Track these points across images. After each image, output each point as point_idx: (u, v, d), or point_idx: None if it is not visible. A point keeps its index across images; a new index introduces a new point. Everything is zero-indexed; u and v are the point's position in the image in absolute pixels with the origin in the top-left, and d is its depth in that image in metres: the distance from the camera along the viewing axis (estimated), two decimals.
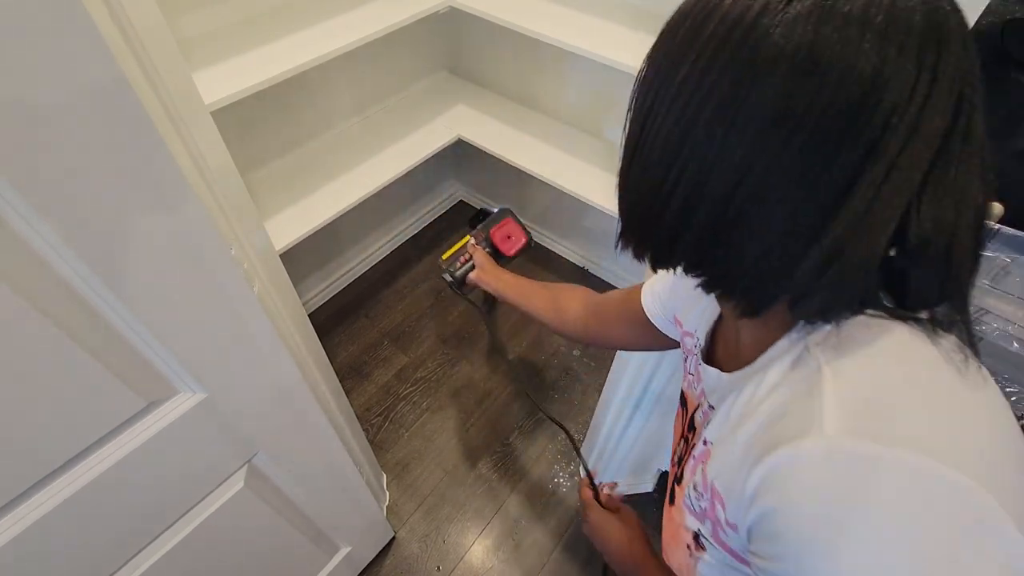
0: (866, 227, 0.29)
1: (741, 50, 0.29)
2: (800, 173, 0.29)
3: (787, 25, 0.28)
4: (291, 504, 0.87)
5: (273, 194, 1.35)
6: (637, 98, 0.35)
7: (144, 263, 0.45)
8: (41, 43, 0.33)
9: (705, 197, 0.32)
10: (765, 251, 0.31)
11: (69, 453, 0.50)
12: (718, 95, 0.30)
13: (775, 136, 0.29)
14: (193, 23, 1.11)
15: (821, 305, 0.32)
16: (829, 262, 0.30)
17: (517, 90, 1.66)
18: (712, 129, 0.30)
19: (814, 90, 0.27)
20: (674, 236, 0.35)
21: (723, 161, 0.30)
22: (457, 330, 1.77)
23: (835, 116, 0.27)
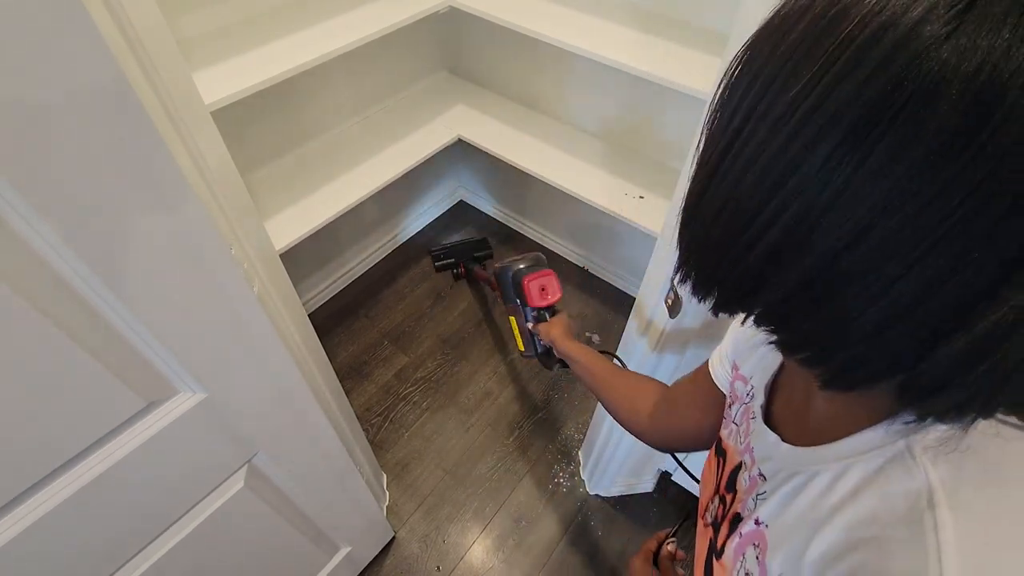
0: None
1: (891, 64, 0.21)
2: (957, 234, 0.21)
3: (962, 39, 0.20)
4: (291, 504, 0.87)
5: (273, 194, 1.35)
6: (721, 110, 0.28)
7: (144, 263, 0.45)
8: (41, 43, 0.33)
9: (810, 246, 0.24)
10: (886, 324, 0.24)
11: (69, 453, 0.50)
12: (850, 120, 0.22)
13: (926, 182, 0.21)
14: (193, 23, 1.11)
15: (956, 403, 0.24)
16: (981, 357, 0.22)
17: (517, 90, 1.66)
18: (833, 165, 0.23)
19: (995, 129, 0.20)
20: (752, 288, 0.28)
21: (844, 205, 0.23)
22: (457, 330, 1.77)
23: (1020, 168, 0.20)
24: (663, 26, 1.17)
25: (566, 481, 1.44)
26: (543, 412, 1.57)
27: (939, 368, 0.23)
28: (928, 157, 0.21)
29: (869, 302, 0.24)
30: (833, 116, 0.22)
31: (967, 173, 0.20)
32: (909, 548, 0.25)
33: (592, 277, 1.93)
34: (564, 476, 1.45)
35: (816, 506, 0.32)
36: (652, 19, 1.20)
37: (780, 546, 0.34)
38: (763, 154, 0.25)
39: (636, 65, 1.05)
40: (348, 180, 1.40)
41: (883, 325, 0.24)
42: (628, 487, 1.40)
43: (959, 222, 0.21)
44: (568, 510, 1.39)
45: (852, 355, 0.26)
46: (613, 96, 1.43)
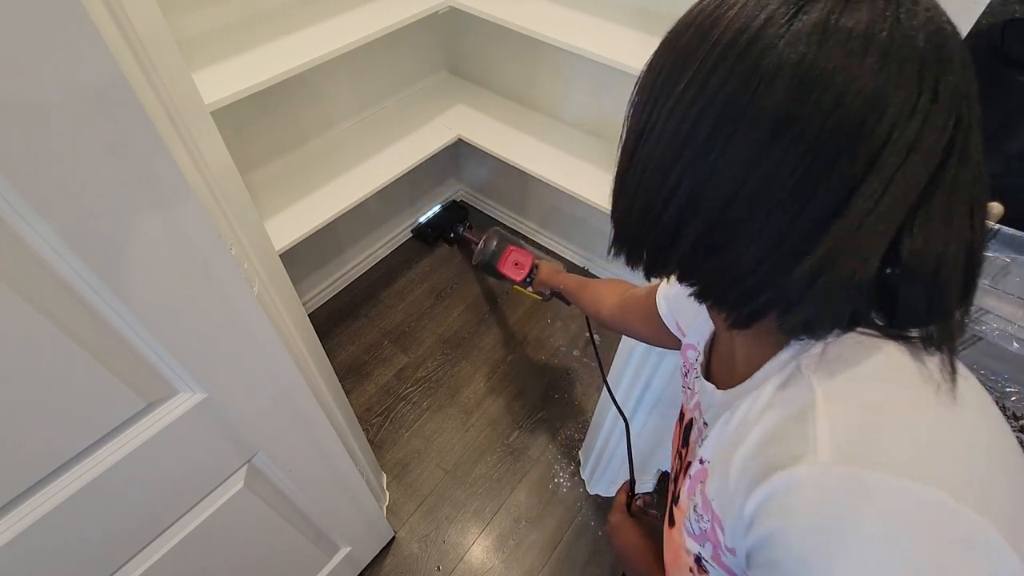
0: (859, 241, 0.29)
1: (744, 60, 0.29)
2: (797, 185, 0.29)
3: (792, 37, 0.28)
4: (291, 504, 0.87)
5: (273, 194, 1.35)
6: (635, 106, 0.35)
7: (144, 263, 0.45)
8: (41, 43, 0.33)
9: (700, 208, 0.32)
10: (757, 262, 0.31)
11: (69, 453, 0.50)
12: (718, 105, 0.30)
13: (774, 148, 0.29)
14: (193, 23, 1.11)
15: (808, 318, 0.32)
16: (818, 275, 0.30)
17: (517, 90, 1.66)
18: (711, 140, 0.30)
19: (816, 103, 0.27)
20: (668, 245, 0.35)
21: (721, 172, 0.30)
22: (457, 330, 1.77)
23: (835, 130, 0.27)
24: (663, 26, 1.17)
25: (566, 481, 1.44)
26: (543, 412, 1.57)
27: (792, 293, 0.31)
28: (773, 128, 0.28)
29: (746, 245, 0.31)
30: (708, 103, 0.30)
31: (798, 139, 0.28)
32: (796, 429, 0.32)
33: (592, 277, 1.93)
34: (564, 476, 1.45)
35: (737, 431, 0.37)
36: (652, 19, 1.20)
37: (714, 472, 0.39)
38: (663, 138, 0.32)
39: (636, 65, 1.04)
40: (348, 180, 1.40)
41: (756, 263, 0.31)
42: None
43: (798, 177, 0.29)
44: (568, 510, 1.39)
45: (739, 292, 0.33)
46: (613, 96, 1.43)
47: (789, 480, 0.30)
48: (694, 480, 0.44)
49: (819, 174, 0.28)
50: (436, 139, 1.52)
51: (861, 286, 0.30)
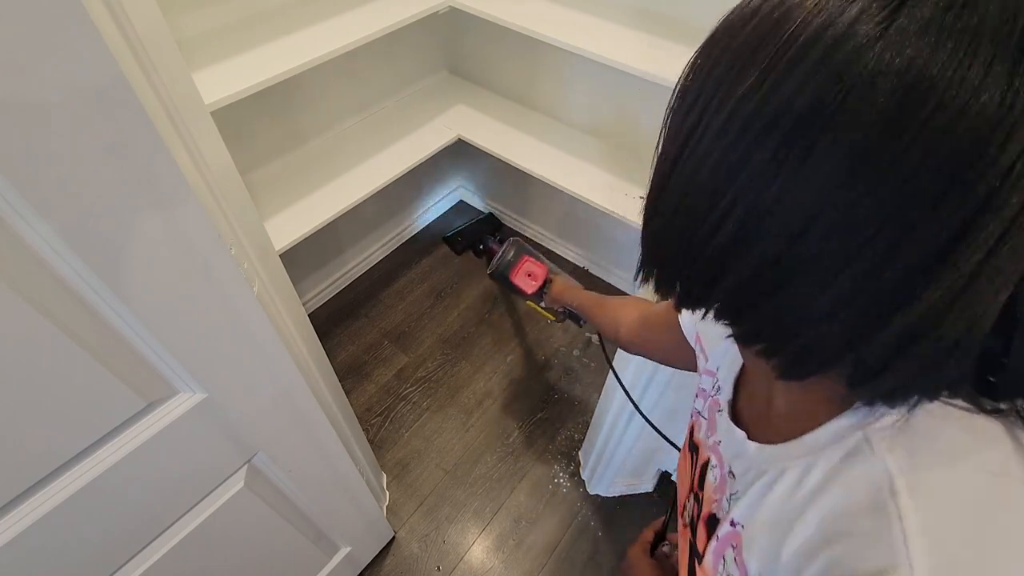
0: (972, 297, 0.22)
1: (829, 61, 0.22)
2: (890, 222, 0.22)
3: (895, 36, 0.21)
4: (291, 504, 0.87)
5: (273, 194, 1.35)
6: (677, 111, 0.29)
7: (144, 263, 0.45)
8: (41, 43, 0.33)
9: (757, 241, 0.25)
10: (832, 311, 0.25)
11: (69, 453, 0.50)
12: (792, 118, 0.23)
13: (863, 174, 0.22)
14: (193, 23, 1.11)
15: (891, 387, 0.26)
16: (913, 338, 0.24)
17: (517, 90, 1.66)
18: (778, 161, 0.24)
19: (925, 120, 0.21)
20: (709, 280, 0.29)
21: (788, 201, 0.24)
22: (457, 330, 1.77)
23: (947, 157, 0.21)
24: (663, 25, 1.17)
25: (566, 481, 1.44)
26: (543, 412, 1.57)
27: (880, 350, 0.25)
28: (864, 149, 0.22)
29: (816, 290, 0.25)
30: (777, 113, 0.24)
31: (898, 165, 0.22)
32: (876, 539, 0.26)
33: (592, 277, 1.93)
34: (564, 476, 1.45)
35: (786, 504, 0.32)
36: (652, 19, 1.20)
37: (755, 545, 0.35)
38: (714, 152, 0.26)
39: (636, 65, 1.04)
40: (348, 180, 1.40)
41: (829, 312, 0.25)
42: (628, 487, 1.40)
43: (892, 212, 0.22)
44: (568, 510, 1.39)
45: (802, 343, 0.27)
46: (613, 96, 1.43)
47: None
48: (723, 542, 0.39)
49: (921, 213, 0.22)
50: (436, 139, 1.52)
51: (967, 353, 0.24)
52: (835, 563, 0.27)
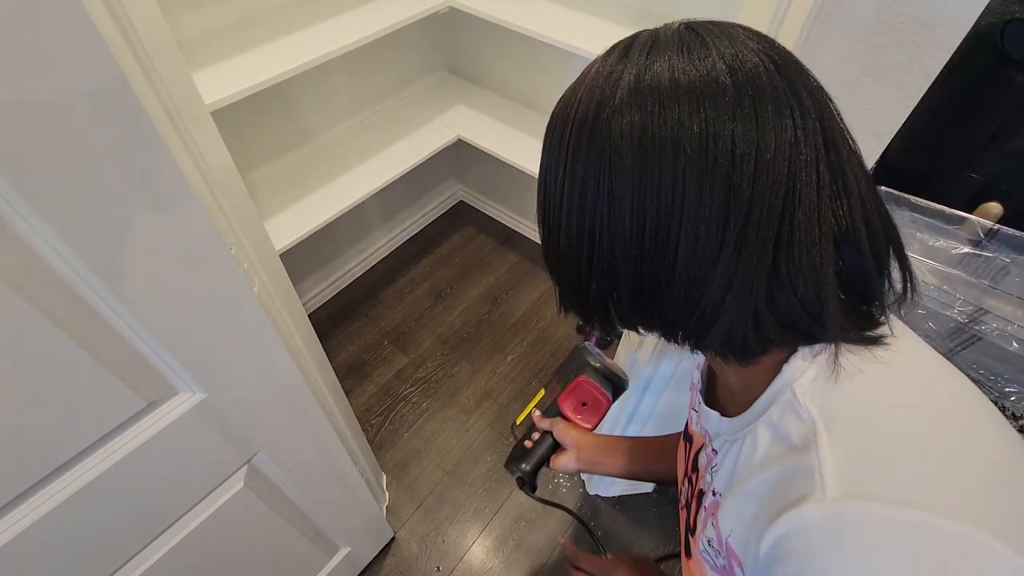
0: (751, 247, 0.30)
1: (594, 145, 0.33)
2: (687, 225, 0.31)
3: (619, 113, 0.32)
4: (291, 504, 0.87)
5: (273, 194, 1.35)
6: (538, 194, 0.39)
7: (143, 262, 0.45)
8: (41, 43, 0.33)
9: (617, 261, 0.34)
10: (678, 295, 0.33)
11: (69, 453, 0.50)
12: (592, 182, 0.33)
13: (646, 201, 0.32)
14: (193, 23, 1.11)
15: (727, 332, 0.34)
16: (726, 291, 0.32)
17: (517, 90, 1.66)
18: (598, 208, 0.34)
19: (659, 158, 0.31)
20: (605, 300, 0.38)
21: (617, 230, 0.33)
22: (457, 330, 1.77)
23: (687, 175, 0.30)
24: None
25: (566, 481, 1.44)
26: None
27: (712, 311, 0.33)
28: (635, 190, 0.32)
29: (666, 284, 0.34)
30: (583, 182, 0.34)
31: (661, 185, 0.31)
32: (802, 466, 0.32)
33: None
34: (564, 476, 1.45)
35: (745, 466, 0.38)
36: (652, 19, 1.20)
37: (726, 506, 0.39)
38: (564, 215, 0.36)
39: None
40: (348, 180, 1.40)
41: (679, 298, 0.34)
42: (628, 487, 1.40)
43: (687, 223, 0.31)
44: None
45: (683, 326, 0.36)
46: None
47: (799, 520, 0.30)
48: (707, 511, 0.43)
49: (696, 215, 0.31)
50: (436, 139, 1.52)
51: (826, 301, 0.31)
52: (776, 502, 0.32)
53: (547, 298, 1.86)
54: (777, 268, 0.31)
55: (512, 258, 1.99)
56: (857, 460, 0.30)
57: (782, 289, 0.31)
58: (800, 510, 0.30)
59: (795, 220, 0.30)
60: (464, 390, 1.62)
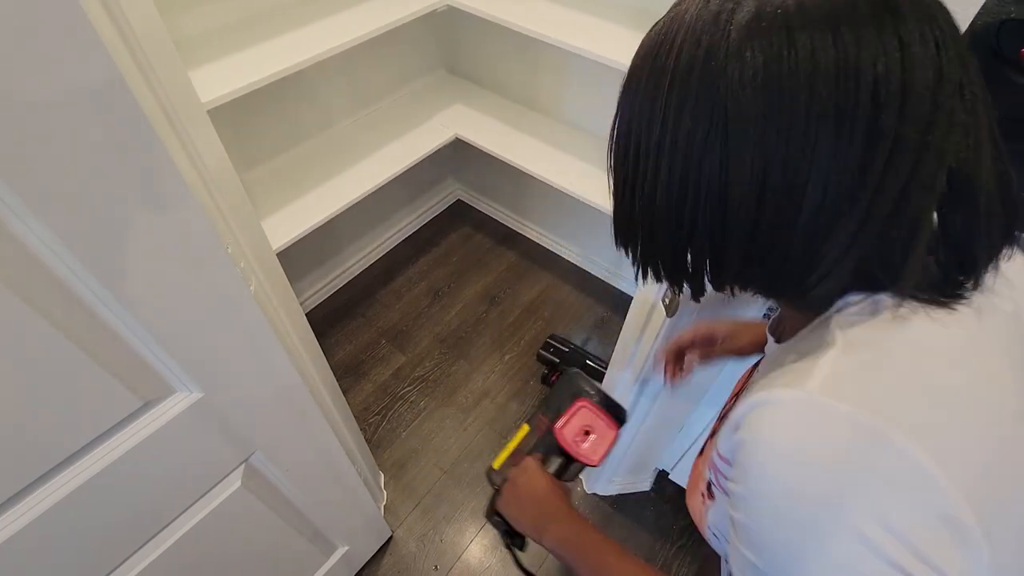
0: (884, 201, 0.28)
1: (705, 97, 0.30)
2: (817, 175, 0.28)
3: (736, 57, 0.29)
4: (288, 503, 0.87)
5: (270, 193, 1.35)
6: (617, 152, 0.37)
7: (140, 262, 0.45)
8: (37, 43, 0.33)
9: (729, 219, 0.32)
10: (797, 250, 0.31)
11: (65, 452, 0.50)
12: (701, 134, 0.30)
13: (770, 153, 0.29)
14: (190, 22, 1.10)
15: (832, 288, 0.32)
16: (854, 239, 0.29)
17: (515, 89, 1.66)
18: (709, 163, 0.31)
19: (789, 103, 0.28)
20: (703, 261, 0.35)
21: (733, 185, 0.31)
22: (455, 329, 1.77)
23: (821, 120, 0.28)
24: None
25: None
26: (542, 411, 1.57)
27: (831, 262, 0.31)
28: (762, 127, 0.29)
29: (786, 237, 0.31)
30: (695, 120, 0.30)
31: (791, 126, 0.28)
32: (803, 366, 0.32)
33: (590, 277, 1.93)
34: None
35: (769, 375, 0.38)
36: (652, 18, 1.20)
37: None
38: (667, 162, 0.32)
39: None
40: (345, 179, 1.39)
41: (804, 251, 0.31)
42: (625, 486, 1.40)
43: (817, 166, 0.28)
44: None
45: (801, 286, 0.33)
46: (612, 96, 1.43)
47: (772, 397, 0.32)
48: (732, 421, 0.43)
49: (829, 158, 0.28)
50: (434, 138, 1.51)
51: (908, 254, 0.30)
52: (765, 386, 0.33)
53: (545, 297, 1.86)
54: (897, 216, 0.29)
55: (510, 257, 1.99)
56: (851, 377, 0.30)
57: (886, 239, 0.29)
58: (777, 391, 0.32)
59: (925, 163, 0.28)
60: (462, 389, 1.62)
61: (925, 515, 0.27)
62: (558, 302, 1.85)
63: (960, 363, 0.31)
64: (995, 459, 0.30)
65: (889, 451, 0.28)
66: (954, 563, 0.27)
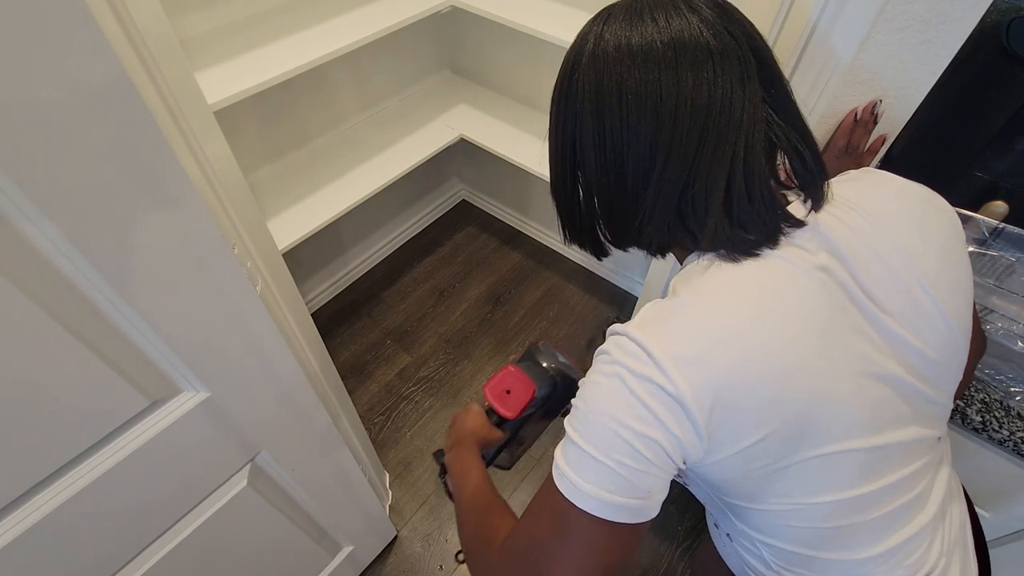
0: (675, 170, 0.42)
1: (567, 96, 0.46)
2: (630, 153, 0.43)
3: (583, 72, 0.44)
4: (294, 503, 0.88)
5: (276, 194, 1.36)
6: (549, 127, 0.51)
7: (147, 262, 0.45)
8: (45, 43, 0.34)
9: (590, 185, 0.48)
10: (630, 207, 0.45)
11: (73, 452, 0.50)
12: (570, 124, 0.46)
13: (604, 139, 0.44)
14: (196, 23, 1.11)
15: (656, 237, 0.46)
16: (659, 194, 0.43)
17: (520, 89, 1.66)
18: (574, 144, 0.47)
19: (608, 105, 0.42)
20: (592, 220, 0.51)
21: (587, 160, 0.46)
22: (459, 329, 1.77)
23: (628, 116, 0.42)
24: None
25: None
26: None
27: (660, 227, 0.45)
28: (598, 125, 0.44)
29: (632, 203, 0.46)
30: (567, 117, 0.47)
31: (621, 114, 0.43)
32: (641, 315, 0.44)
33: (595, 277, 1.93)
34: None
35: None
36: None
37: None
38: (553, 149, 0.50)
39: None
40: (350, 180, 1.40)
41: (632, 212, 0.46)
42: None
43: (640, 158, 0.44)
44: None
45: (638, 234, 0.48)
46: None
47: (614, 328, 0.43)
48: None
49: (650, 150, 0.42)
50: (438, 138, 1.52)
51: (708, 214, 0.42)
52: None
53: (550, 297, 1.86)
54: (687, 188, 0.42)
55: (515, 257, 1.99)
56: (655, 313, 0.42)
57: (688, 206, 0.43)
58: (614, 327, 0.43)
59: (704, 151, 0.40)
60: (466, 389, 1.62)
61: (653, 389, 0.38)
62: (563, 302, 1.85)
63: (738, 310, 0.40)
64: (737, 381, 0.38)
65: (649, 359, 0.39)
66: (668, 418, 0.38)
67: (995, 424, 0.70)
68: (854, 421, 0.41)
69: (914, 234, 0.45)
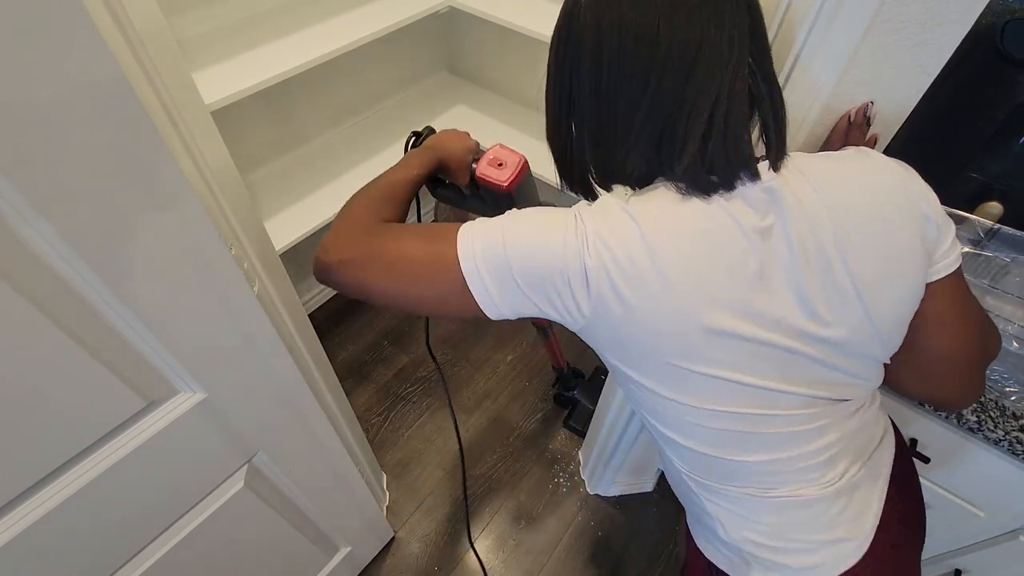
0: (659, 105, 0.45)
1: (569, 35, 0.48)
2: (624, 86, 0.46)
3: (583, 12, 0.46)
4: (291, 504, 0.87)
5: (273, 194, 1.36)
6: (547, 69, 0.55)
7: (144, 262, 0.45)
8: (41, 43, 0.33)
9: (583, 118, 0.51)
10: (619, 140, 0.49)
11: (69, 453, 0.50)
12: (569, 61, 0.49)
13: (600, 73, 0.47)
14: (193, 23, 1.11)
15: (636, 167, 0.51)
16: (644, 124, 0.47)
17: (517, 90, 1.66)
18: (571, 79, 0.50)
19: (607, 42, 0.45)
20: (582, 157, 0.54)
21: (584, 93, 0.49)
22: (457, 330, 1.77)
23: (623, 53, 0.45)
24: None
25: (566, 481, 1.44)
26: (543, 412, 1.57)
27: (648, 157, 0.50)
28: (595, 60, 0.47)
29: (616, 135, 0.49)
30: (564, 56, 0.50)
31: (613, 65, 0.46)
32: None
33: None
34: (564, 476, 1.45)
35: None
36: None
37: None
38: (551, 85, 0.53)
39: None
40: (348, 180, 1.40)
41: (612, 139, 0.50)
42: (628, 487, 1.40)
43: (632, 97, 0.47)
44: (568, 510, 1.39)
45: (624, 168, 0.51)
46: None
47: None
48: None
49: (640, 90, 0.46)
50: None
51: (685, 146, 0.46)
52: None
53: None
54: (671, 117, 0.45)
55: None
56: (601, 205, 0.49)
57: (669, 136, 0.46)
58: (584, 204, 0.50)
59: (692, 82, 0.44)
60: (464, 390, 1.62)
61: (579, 247, 0.46)
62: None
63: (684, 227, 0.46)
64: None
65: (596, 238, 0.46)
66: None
67: (990, 424, 0.71)
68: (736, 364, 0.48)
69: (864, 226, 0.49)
